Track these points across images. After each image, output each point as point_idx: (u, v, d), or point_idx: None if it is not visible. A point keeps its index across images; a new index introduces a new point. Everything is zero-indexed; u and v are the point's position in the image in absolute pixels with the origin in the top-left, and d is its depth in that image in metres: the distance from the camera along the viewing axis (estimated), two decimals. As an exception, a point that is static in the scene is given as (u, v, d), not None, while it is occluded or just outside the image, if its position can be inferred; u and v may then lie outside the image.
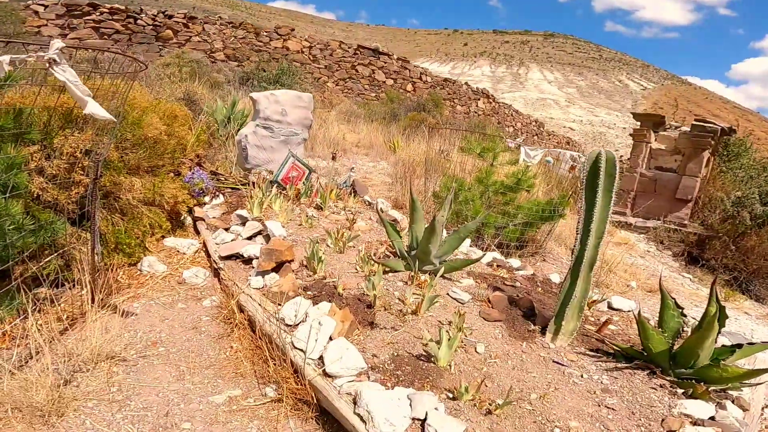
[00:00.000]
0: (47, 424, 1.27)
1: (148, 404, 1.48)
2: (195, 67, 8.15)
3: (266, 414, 1.57)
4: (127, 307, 2.06)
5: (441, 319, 1.90)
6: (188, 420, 1.47)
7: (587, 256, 1.78)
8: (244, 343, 1.90)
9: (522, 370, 1.62)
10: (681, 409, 1.55)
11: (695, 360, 1.68)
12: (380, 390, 1.38)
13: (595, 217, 1.76)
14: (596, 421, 1.39)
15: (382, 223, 3.08)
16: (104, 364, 1.59)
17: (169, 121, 3.00)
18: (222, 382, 1.70)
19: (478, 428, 1.27)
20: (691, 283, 5.11)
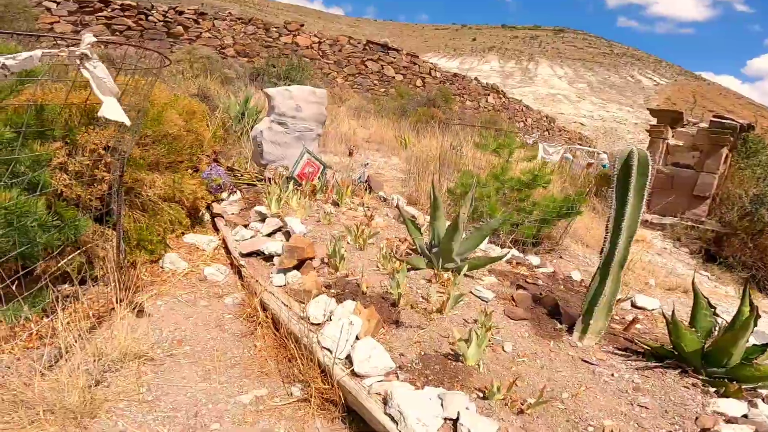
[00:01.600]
0: (80, 426, 1.28)
1: (177, 405, 1.49)
2: (206, 63, 8.17)
3: (293, 414, 1.57)
4: (152, 305, 2.08)
5: (466, 318, 1.88)
6: (217, 420, 1.47)
7: (618, 256, 1.74)
8: (267, 341, 1.90)
9: (551, 369, 1.60)
10: (714, 408, 1.54)
11: (728, 359, 1.66)
12: (411, 390, 1.37)
13: (627, 216, 1.73)
14: (630, 420, 1.37)
15: (401, 220, 3.06)
16: (133, 364, 1.60)
17: (188, 117, 3.00)
18: (248, 381, 1.70)
19: (510, 428, 1.25)
20: (709, 281, 5.02)
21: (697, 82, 64.93)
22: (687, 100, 27.83)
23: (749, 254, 5.08)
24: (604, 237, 1.81)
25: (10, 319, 1.77)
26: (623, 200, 1.73)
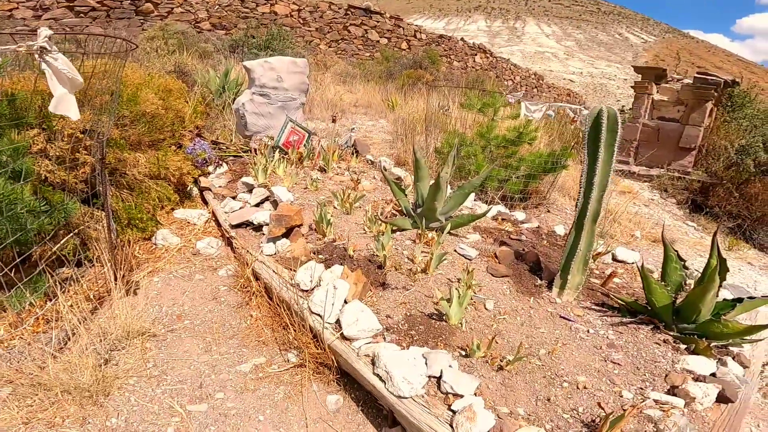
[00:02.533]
0: (96, 404, 1.38)
1: (182, 377, 1.59)
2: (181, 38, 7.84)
3: (291, 379, 1.68)
4: (149, 282, 2.15)
5: (450, 277, 1.96)
6: (221, 390, 1.58)
7: (591, 210, 1.80)
8: (262, 310, 1.99)
9: (530, 326, 1.69)
10: (683, 365, 1.58)
11: (697, 315, 1.71)
12: (396, 350, 1.46)
13: (598, 171, 1.77)
14: (603, 376, 1.47)
15: (386, 182, 3.09)
16: (137, 341, 1.69)
17: (165, 95, 2.95)
18: (246, 350, 1.80)
19: (490, 384, 1.36)
20: (696, 232, 5.11)
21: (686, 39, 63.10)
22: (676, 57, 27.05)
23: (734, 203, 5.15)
24: (578, 192, 1.85)
25: (15, 306, 1.84)
26: (594, 156, 1.76)
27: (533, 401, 1.32)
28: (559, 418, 1.26)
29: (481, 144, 4.29)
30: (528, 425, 1.19)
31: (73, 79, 1.43)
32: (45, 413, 1.31)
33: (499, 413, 1.24)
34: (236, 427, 1.46)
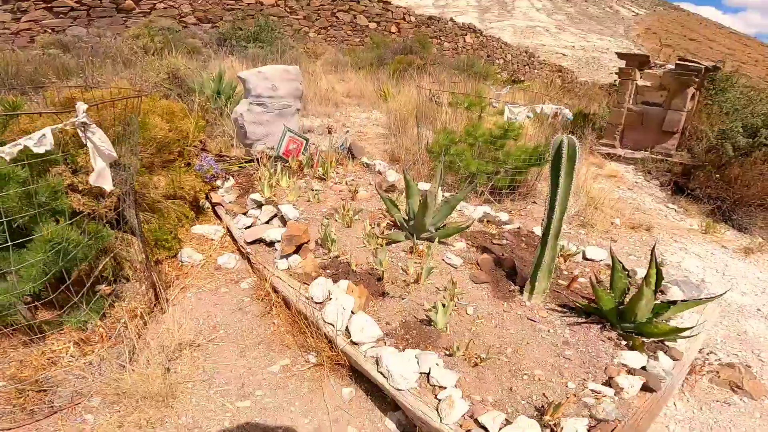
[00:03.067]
0: (168, 406, 1.78)
1: (227, 380, 1.99)
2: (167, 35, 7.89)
3: (312, 376, 2.09)
4: (183, 297, 2.52)
5: (438, 285, 2.35)
6: (258, 388, 1.99)
7: (553, 228, 2.17)
8: (282, 318, 2.38)
9: (502, 327, 2.09)
10: (620, 360, 1.91)
11: (635, 317, 2.05)
12: (395, 352, 1.87)
13: (558, 196, 2.12)
14: (555, 370, 1.86)
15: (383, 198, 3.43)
16: (186, 351, 2.08)
17: (170, 117, 3.23)
18: (273, 354, 2.20)
19: (467, 377, 1.77)
20: (676, 214, 5.37)
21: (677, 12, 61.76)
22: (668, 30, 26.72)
23: (714, 186, 5.40)
24: (545, 212, 2.22)
25: (73, 323, 2.21)
26: (556, 182, 2.12)
27: (500, 391, 1.73)
28: (518, 404, 1.68)
29: (469, 141, 4.61)
30: (494, 409, 1.60)
31: (110, 154, 1.74)
32: (131, 417, 1.71)
33: (473, 400, 1.66)
34: (275, 417, 1.88)
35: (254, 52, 9.03)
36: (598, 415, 1.61)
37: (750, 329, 3.11)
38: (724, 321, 3.17)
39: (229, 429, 1.79)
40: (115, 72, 4.96)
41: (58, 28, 9.19)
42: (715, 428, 2.18)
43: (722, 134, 5.55)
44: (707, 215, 5.39)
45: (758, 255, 4.49)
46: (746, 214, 5.18)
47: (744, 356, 2.79)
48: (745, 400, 2.37)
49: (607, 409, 1.62)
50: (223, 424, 1.81)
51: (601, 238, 4.22)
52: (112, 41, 7.70)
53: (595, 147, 6.93)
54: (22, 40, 8.68)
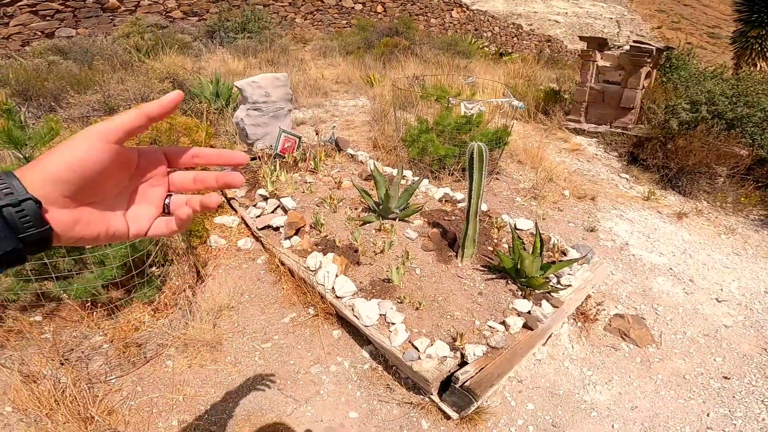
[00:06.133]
0: (217, 350, 2.72)
1: (255, 329, 2.92)
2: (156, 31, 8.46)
3: (312, 323, 3.02)
4: (216, 272, 3.44)
5: (398, 254, 3.24)
6: (276, 334, 2.92)
7: (473, 210, 3.00)
8: (289, 284, 3.29)
9: (439, 282, 2.99)
10: (513, 305, 2.66)
11: (526, 273, 2.78)
12: (364, 301, 2.77)
13: (474, 187, 2.94)
14: (469, 312, 2.75)
15: (364, 177, 4.27)
16: (225, 312, 3.01)
17: (187, 132, 4.04)
18: (284, 309, 3.13)
19: (410, 317, 2.68)
20: (627, 183, 6.04)
21: None
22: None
23: (661, 156, 6.15)
24: (467, 198, 3.04)
25: (142, 298, 3.13)
26: (472, 177, 2.93)
27: (431, 325, 2.65)
28: (441, 334, 2.59)
29: (439, 129, 5.38)
30: (424, 337, 2.52)
31: None
32: (195, 359, 2.66)
33: (412, 332, 2.57)
34: (288, 353, 2.82)
35: (244, 44, 9.59)
36: (491, 343, 2.50)
37: (656, 286, 3.84)
38: (635, 278, 3.91)
39: (258, 363, 2.74)
40: (120, 79, 5.67)
41: (47, 30, 9.69)
42: (602, 368, 2.88)
43: (670, 109, 6.25)
44: (655, 183, 6.14)
45: (691, 219, 5.22)
46: (689, 180, 5.95)
47: (643, 309, 3.53)
48: (631, 346, 3.05)
49: (497, 339, 2.51)
50: (254, 359, 2.76)
51: (549, 209, 5.04)
52: (104, 42, 8.30)
53: (564, 122, 7.64)
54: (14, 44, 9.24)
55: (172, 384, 2.56)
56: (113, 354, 2.69)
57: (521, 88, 8.57)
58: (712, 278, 4.07)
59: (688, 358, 3.10)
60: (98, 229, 0.50)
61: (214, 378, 2.63)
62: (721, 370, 3.04)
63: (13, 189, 0.43)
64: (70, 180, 0.46)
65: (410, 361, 2.39)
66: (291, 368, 2.74)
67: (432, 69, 9.41)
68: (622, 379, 2.88)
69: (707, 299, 3.76)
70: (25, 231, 0.43)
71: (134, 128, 0.51)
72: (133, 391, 2.52)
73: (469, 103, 4.59)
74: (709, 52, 20.04)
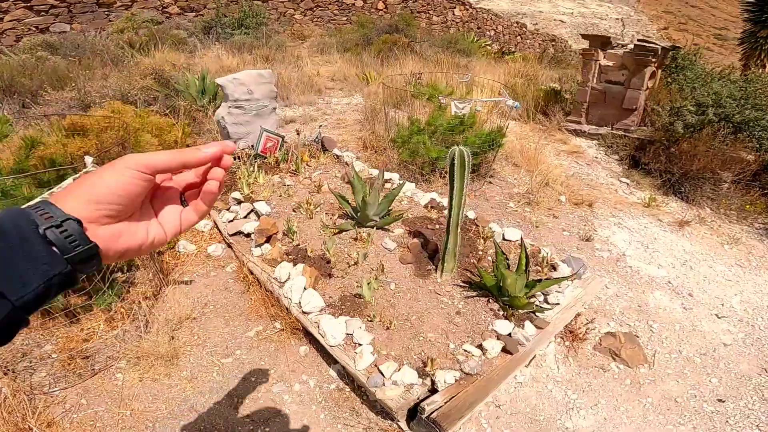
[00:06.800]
0: (173, 364, 2.53)
1: (216, 343, 2.73)
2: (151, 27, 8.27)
3: (278, 338, 2.81)
4: (182, 281, 3.24)
5: (374, 266, 3.03)
6: (238, 348, 2.72)
7: (453, 220, 2.78)
8: (257, 295, 3.09)
9: (414, 299, 2.77)
10: (493, 327, 2.46)
11: (509, 292, 2.56)
12: (331, 318, 2.57)
13: (455, 195, 2.71)
14: (444, 333, 2.51)
15: (346, 180, 4.06)
16: (186, 323, 2.82)
17: (158, 132, 3.84)
18: (250, 322, 2.93)
19: (380, 337, 2.47)
20: (627, 188, 5.78)
21: None
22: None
23: (664, 161, 5.86)
24: (448, 207, 2.81)
25: (101, 304, 2.94)
26: (452, 185, 2.71)
27: (401, 348, 2.44)
28: (411, 358, 2.38)
29: (431, 130, 5.15)
30: (392, 361, 2.31)
31: None
32: (149, 373, 2.47)
33: (380, 354, 2.37)
34: (250, 370, 2.62)
35: (240, 39, 9.39)
36: (465, 369, 2.29)
37: (652, 301, 3.59)
38: (630, 292, 3.66)
39: (216, 379, 2.54)
40: (104, 75, 5.49)
41: (41, 25, 9.56)
42: (588, 391, 2.67)
43: (674, 111, 5.98)
44: (657, 188, 5.85)
45: (693, 228, 4.95)
46: (692, 186, 5.67)
47: (637, 326, 3.28)
48: (621, 367, 2.84)
49: (471, 365, 2.29)
50: (212, 374, 2.56)
51: (543, 215, 4.80)
52: (97, 38, 8.13)
53: (563, 123, 7.38)
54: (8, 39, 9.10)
55: (120, 398, 2.38)
56: (59, 365, 2.51)
57: (521, 88, 8.31)
58: (713, 292, 3.83)
59: (682, 380, 2.87)
60: (141, 239, 0.54)
61: (167, 393, 2.44)
62: (716, 392, 2.81)
63: (51, 213, 0.45)
64: (114, 202, 0.49)
65: (374, 387, 2.18)
66: (251, 386, 2.54)
67: (431, 67, 9.17)
68: (608, 402, 2.66)
69: (707, 315, 3.53)
70: (72, 250, 0.44)
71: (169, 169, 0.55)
72: (77, 404, 2.35)
73: (460, 103, 4.37)
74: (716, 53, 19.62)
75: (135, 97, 5.23)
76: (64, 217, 0.45)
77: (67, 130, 3.25)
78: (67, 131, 3.26)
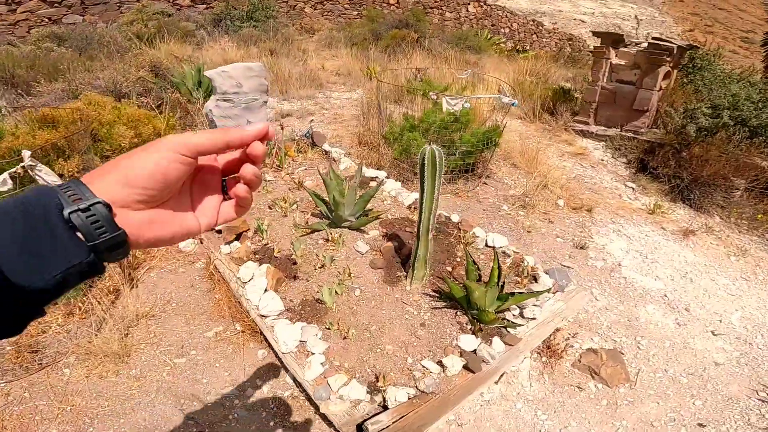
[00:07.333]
0: (123, 362, 2.45)
1: (172, 342, 2.64)
2: (161, 19, 8.26)
3: (237, 340, 2.71)
4: (147, 276, 3.17)
5: (341, 269, 2.89)
6: (194, 349, 2.63)
7: (423, 225, 2.62)
8: (222, 294, 3.00)
9: (379, 308, 2.63)
10: (457, 342, 2.30)
11: (479, 306, 2.41)
12: (288, 324, 2.45)
13: (425, 198, 2.54)
14: (404, 346, 2.35)
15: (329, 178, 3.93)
16: (143, 320, 2.74)
17: (135, 124, 3.76)
18: (211, 322, 2.83)
19: (336, 347, 2.34)
20: (632, 193, 5.50)
21: None
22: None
23: (673, 165, 5.55)
24: (418, 211, 2.65)
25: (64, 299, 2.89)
26: (423, 187, 2.53)
27: (356, 359, 2.30)
28: (364, 371, 2.24)
29: (424, 127, 4.97)
30: (343, 374, 2.18)
31: (54, 182, 2.33)
32: (96, 370, 2.40)
33: (332, 364, 2.24)
34: (203, 371, 2.53)
35: (248, 32, 9.33)
36: (421, 387, 2.13)
37: (644, 315, 3.36)
38: (621, 305, 3.43)
39: (165, 379, 2.45)
40: (102, 67, 5.47)
41: (54, 17, 9.66)
42: (560, 411, 2.49)
43: (688, 114, 5.65)
44: (665, 194, 5.54)
45: (699, 237, 4.64)
46: (702, 193, 5.35)
47: (624, 342, 3.07)
48: (599, 386, 2.66)
49: (428, 383, 2.14)
50: (162, 374, 2.47)
51: (538, 220, 4.58)
52: (106, 29, 8.16)
53: (570, 124, 7.10)
54: (21, 30, 9.24)
55: (64, 393, 2.33)
56: (8, 357, 2.46)
57: (528, 86, 8.03)
58: (712, 307, 3.58)
59: (663, 401, 2.66)
60: (173, 228, 0.50)
61: (111, 391, 2.37)
62: (698, 416, 2.60)
63: (81, 194, 0.42)
64: (150, 186, 0.46)
65: (319, 401, 2.05)
66: (202, 388, 2.44)
67: (439, 63, 8.96)
68: (579, 425, 2.48)
69: (701, 332, 3.29)
70: (98, 237, 0.41)
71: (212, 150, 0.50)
72: (20, 397, 2.30)
73: (452, 99, 4.18)
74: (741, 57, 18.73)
75: (127, 89, 5.19)
76: (94, 200, 0.42)
77: (39, 122, 3.20)
78: (39, 123, 3.21)
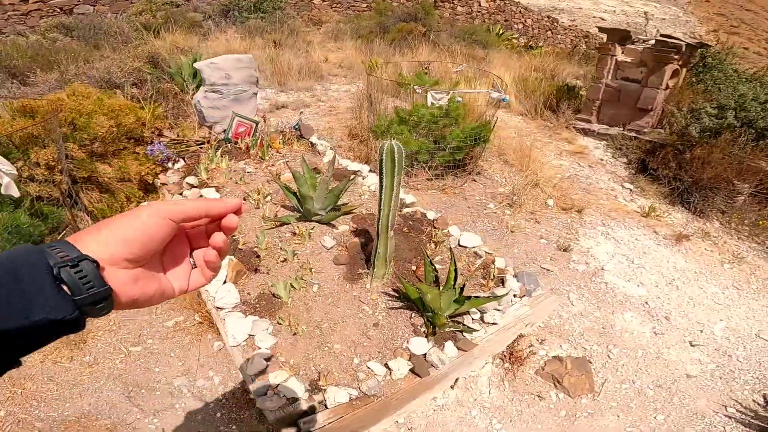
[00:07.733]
0: (78, 348, 2.48)
1: (130, 330, 2.65)
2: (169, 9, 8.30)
3: (195, 331, 2.71)
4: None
5: (303, 263, 2.86)
6: (151, 338, 2.64)
7: (383, 222, 2.54)
8: (187, 285, 3.00)
9: (334, 305, 2.57)
10: (408, 345, 2.25)
11: (432, 309, 2.34)
12: (240, 317, 2.43)
13: (384, 194, 2.44)
14: (353, 346, 2.27)
15: (280, 185, 3.88)
16: (101, 310, 2.76)
17: (114, 115, 3.75)
18: (173, 312, 2.83)
19: (284, 343, 2.30)
20: (629, 194, 5.32)
21: None
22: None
23: (673, 168, 5.34)
24: (377, 207, 2.57)
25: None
26: (382, 184, 2.44)
27: (302, 356, 2.26)
28: (309, 369, 2.20)
29: (414, 121, 4.88)
30: (285, 371, 2.14)
31: (10, 172, 2.34)
32: (52, 355, 2.42)
33: (277, 360, 2.21)
34: (157, 360, 2.53)
35: (254, 23, 9.33)
36: (363, 389, 2.08)
37: (620, 323, 3.23)
38: (598, 312, 3.30)
39: (118, 366, 2.46)
40: (102, 57, 5.52)
41: (65, 7, 9.80)
42: (516, 421, 2.40)
43: (693, 114, 5.44)
44: (664, 197, 5.34)
45: (693, 242, 4.45)
46: (702, 197, 5.14)
47: (594, 351, 2.95)
48: (561, 396, 2.57)
49: (370, 385, 2.09)
50: (115, 362, 2.48)
51: (523, 219, 4.46)
52: (114, 19, 8.24)
53: (572, 122, 6.91)
54: (33, 20, 9.39)
55: (18, 377, 2.37)
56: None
57: (533, 83, 7.84)
58: (695, 316, 3.44)
59: (624, 414, 2.56)
60: (154, 288, 0.53)
61: (63, 376, 2.39)
62: (657, 431, 2.50)
63: (68, 253, 0.43)
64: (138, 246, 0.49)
65: (258, 396, 2.03)
66: (153, 377, 2.45)
67: (444, 58, 8.81)
68: (536, 436, 2.40)
69: (679, 342, 3.16)
70: (85, 292, 0.43)
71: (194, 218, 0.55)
72: None
73: (438, 93, 4.09)
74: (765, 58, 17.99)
75: (121, 80, 5.22)
76: (81, 257, 0.43)
77: (18, 112, 3.23)
78: (19, 113, 3.24)
